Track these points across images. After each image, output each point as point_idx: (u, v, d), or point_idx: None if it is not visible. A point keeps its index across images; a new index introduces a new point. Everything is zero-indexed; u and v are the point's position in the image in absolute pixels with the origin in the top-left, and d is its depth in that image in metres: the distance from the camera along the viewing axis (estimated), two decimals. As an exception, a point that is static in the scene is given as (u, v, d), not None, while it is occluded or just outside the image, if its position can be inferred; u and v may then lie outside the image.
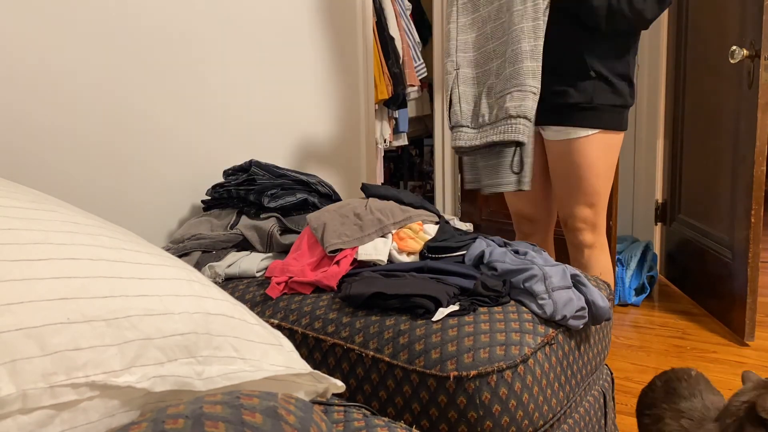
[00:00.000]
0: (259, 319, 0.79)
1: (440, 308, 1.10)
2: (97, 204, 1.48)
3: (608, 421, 1.37)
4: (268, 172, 1.64)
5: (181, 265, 0.75)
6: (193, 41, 1.69)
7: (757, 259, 2.22)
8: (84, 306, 0.58)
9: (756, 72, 2.10)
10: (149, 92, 1.58)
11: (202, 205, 1.73)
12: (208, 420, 0.50)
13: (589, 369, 1.22)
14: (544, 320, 1.10)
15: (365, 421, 0.78)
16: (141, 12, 1.54)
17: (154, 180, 1.62)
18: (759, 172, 2.15)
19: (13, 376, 0.52)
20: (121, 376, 0.59)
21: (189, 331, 0.65)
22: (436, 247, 1.33)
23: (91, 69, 1.44)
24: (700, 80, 2.62)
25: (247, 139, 1.91)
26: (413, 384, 1.03)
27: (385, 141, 3.04)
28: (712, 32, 2.46)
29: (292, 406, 0.56)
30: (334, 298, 1.22)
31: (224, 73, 1.80)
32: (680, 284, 2.86)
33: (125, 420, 0.60)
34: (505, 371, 0.99)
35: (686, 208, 2.82)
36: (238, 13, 1.84)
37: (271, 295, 1.26)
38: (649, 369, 2.06)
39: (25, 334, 0.53)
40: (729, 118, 2.34)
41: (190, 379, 0.64)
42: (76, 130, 1.42)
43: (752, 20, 2.12)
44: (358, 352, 1.10)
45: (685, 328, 2.42)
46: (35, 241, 0.61)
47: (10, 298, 0.54)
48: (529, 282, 1.14)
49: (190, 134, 1.72)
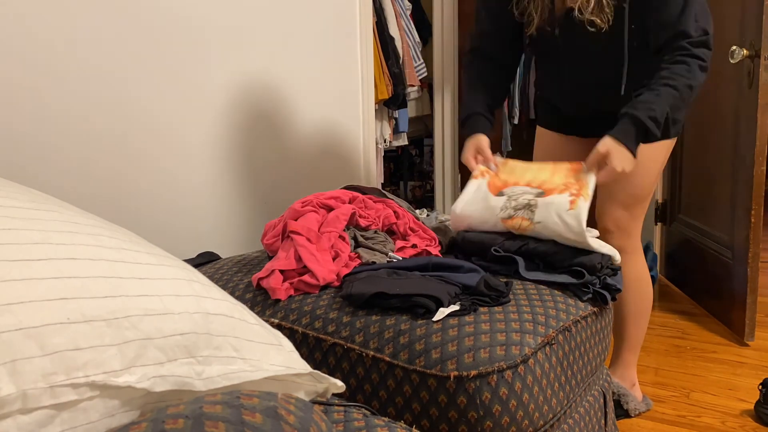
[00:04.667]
0: (259, 319, 0.79)
1: (441, 308, 1.10)
2: (96, 204, 1.48)
3: (608, 421, 1.37)
4: None
5: (181, 265, 0.75)
6: (192, 40, 1.69)
7: (757, 259, 2.22)
8: (84, 306, 0.58)
9: (756, 72, 2.10)
10: (151, 88, 1.58)
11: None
12: (208, 420, 0.50)
13: (590, 369, 1.22)
14: (544, 320, 1.10)
15: (365, 421, 0.78)
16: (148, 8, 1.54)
17: (158, 175, 1.62)
18: (759, 172, 2.15)
19: (13, 376, 0.52)
20: (121, 376, 0.58)
21: (189, 331, 0.65)
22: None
23: (93, 67, 1.44)
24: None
25: (247, 139, 1.91)
26: (413, 384, 1.03)
27: (385, 141, 3.04)
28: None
29: (292, 406, 0.56)
30: (335, 297, 1.22)
31: (223, 73, 1.80)
32: (680, 284, 2.85)
33: (125, 420, 0.60)
34: (506, 371, 0.99)
35: (686, 208, 2.81)
36: (238, 13, 1.84)
37: (280, 297, 1.25)
38: (649, 369, 2.06)
39: (25, 334, 0.53)
40: (729, 118, 2.34)
41: (190, 379, 0.64)
42: (80, 129, 1.42)
43: (752, 20, 2.11)
44: (358, 352, 1.10)
45: (685, 328, 2.42)
46: (35, 241, 0.61)
47: (10, 298, 0.54)
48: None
49: (189, 131, 1.72)
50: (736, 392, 1.90)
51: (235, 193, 1.88)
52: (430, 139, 3.83)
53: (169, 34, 1.62)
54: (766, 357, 2.14)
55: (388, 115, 3.07)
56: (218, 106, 1.80)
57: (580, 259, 1.28)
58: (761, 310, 2.48)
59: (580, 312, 1.20)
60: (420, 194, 4.29)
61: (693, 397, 1.88)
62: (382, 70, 2.84)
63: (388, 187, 4.11)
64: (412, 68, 3.07)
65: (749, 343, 2.24)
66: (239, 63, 1.85)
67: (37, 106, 1.34)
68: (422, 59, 3.21)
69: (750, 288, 2.22)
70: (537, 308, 1.14)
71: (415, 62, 3.12)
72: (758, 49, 2.07)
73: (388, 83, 2.87)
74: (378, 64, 2.80)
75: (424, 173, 4.31)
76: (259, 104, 1.95)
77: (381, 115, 2.99)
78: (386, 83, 2.85)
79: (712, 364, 2.10)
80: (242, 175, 1.90)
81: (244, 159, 1.90)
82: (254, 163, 1.94)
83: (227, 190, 1.86)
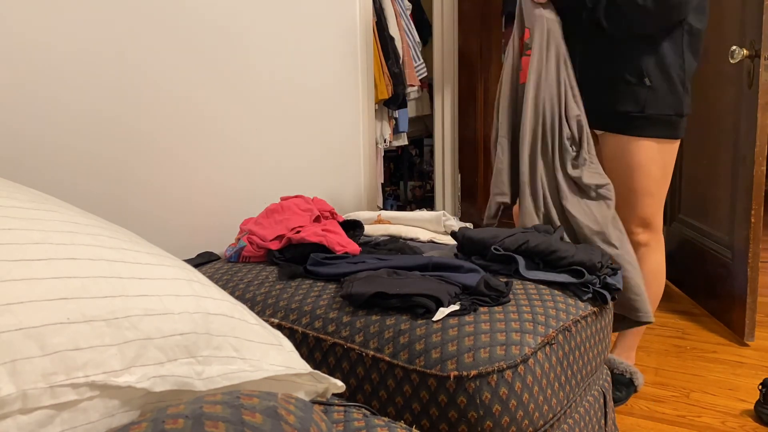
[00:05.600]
0: (259, 319, 0.79)
1: (441, 308, 1.10)
2: (97, 204, 1.48)
3: (608, 421, 1.37)
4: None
5: (181, 265, 0.75)
6: (192, 40, 1.69)
7: (757, 259, 2.22)
8: (84, 306, 0.58)
9: (756, 72, 2.10)
10: (151, 89, 1.58)
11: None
12: (208, 420, 0.50)
13: (590, 369, 1.22)
14: (544, 320, 1.10)
15: (365, 421, 0.78)
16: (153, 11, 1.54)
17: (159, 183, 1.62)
18: (759, 172, 2.15)
19: (13, 376, 0.52)
20: (121, 376, 0.58)
21: (189, 331, 0.65)
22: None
23: (95, 66, 1.44)
24: (700, 80, 2.62)
25: (246, 139, 1.91)
26: (413, 384, 1.03)
27: (385, 141, 3.04)
28: (711, 32, 2.46)
29: (292, 406, 0.56)
30: (335, 297, 1.22)
31: (222, 73, 1.80)
32: (680, 284, 2.85)
33: (125, 420, 0.60)
34: (506, 371, 0.99)
35: (686, 208, 2.82)
36: (238, 13, 1.84)
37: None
38: (649, 369, 2.06)
39: (25, 334, 0.53)
40: (729, 118, 2.34)
41: (190, 379, 0.64)
42: (80, 129, 1.42)
43: (752, 20, 2.11)
44: (358, 352, 1.10)
45: (685, 328, 2.42)
46: (35, 241, 0.61)
47: (10, 298, 0.54)
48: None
49: (189, 131, 1.72)
50: (736, 392, 1.90)
51: (235, 193, 1.88)
52: (430, 139, 3.83)
53: (171, 34, 1.62)
54: (766, 357, 2.14)
55: (388, 115, 3.07)
56: (217, 106, 1.80)
57: (580, 258, 1.28)
58: (761, 310, 2.48)
59: (580, 312, 1.20)
60: (420, 194, 4.29)
61: (693, 397, 1.89)
62: (382, 70, 2.84)
63: (388, 187, 4.11)
64: (412, 68, 3.07)
65: (749, 343, 2.24)
66: (239, 63, 1.85)
67: (40, 105, 1.34)
68: (422, 59, 3.21)
69: (750, 288, 2.22)
70: (537, 308, 1.14)
71: (415, 62, 3.12)
72: (758, 49, 2.07)
73: (388, 83, 2.87)
74: (378, 64, 2.80)
75: (424, 173, 4.32)
76: (258, 104, 1.95)
77: (381, 115, 2.99)
78: (386, 83, 2.85)
79: (712, 364, 2.10)
80: (241, 175, 1.90)
81: (243, 158, 1.90)
82: (254, 162, 1.94)
83: (227, 190, 1.85)
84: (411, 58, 3.09)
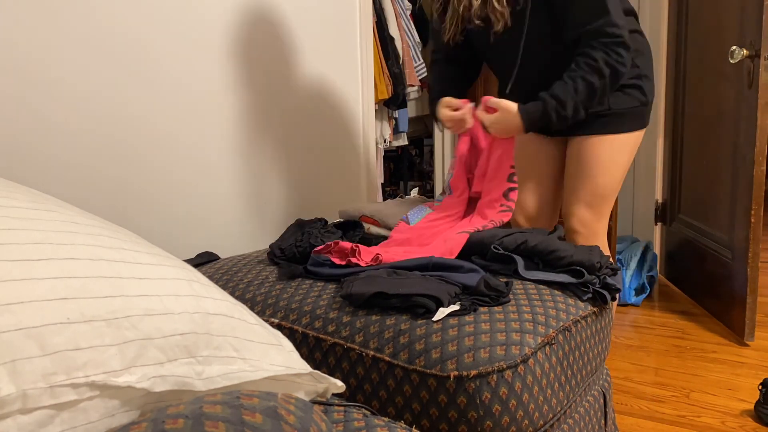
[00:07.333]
0: (259, 319, 0.79)
1: (441, 308, 1.10)
2: (97, 204, 1.48)
3: (608, 421, 1.37)
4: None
5: (181, 265, 0.75)
6: (191, 42, 1.69)
7: (757, 259, 2.22)
8: (84, 306, 0.58)
9: (756, 72, 2.10)
10: (150, 92, 1.58)
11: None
12: (208, 420, 0.50)
13: (590, 369, 1.22)
14: (544, 320, 1.10)
15: (365, 421, 0.78)
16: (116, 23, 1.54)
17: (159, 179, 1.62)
18: (759, 172, 2.15)
19: (13, 376, 0.52)
20: (121, 376, 0.58)
21: (189, 331, 0.65)
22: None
23: (94, 74, 1.44)
24: (700, 80, 2.62)
25: (246, 140, 1.91)
26: (413, 384, 1.03)
27: (385, 141, 3.05)
28: (712, 32, 2.46)
29: (292, 406, 0.56)
30: (335, 297, 1.22)
31: (221, 73, 1.80)
32: (680, 284, 2.86)
33: (125, 420, 0.60)
34: (506, 371, 0.99)
35: (686, 208, 2.82)
36: (238, 13, 1.84)
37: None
38: (649, 369, 2.06)
39: (25, 334, 0.53)
40: (729, 118, 2.34)
41: (190, 379, 0.64)
42: (81, 129, 1.42)
43: (752, 20, 2.12)
44: (358, 352, 1.10)
45: (685, 328, 2.42)
46: (35, 241, 0.61)
47: (10, 298, 0.54)
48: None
49: (188, 133, 1.72)
50: (736, 392, 1.90)
51: (234, 193, 1.89)
52: (430, 139, 3.83)
53: (166, 39, 1.62)
54: (766, 357, 2.14)
55: (388, 115, 3.07)
56: (217, 108, 1.80)
57: (579, 258, 1.28)
58: (761, 310, 2.48)
59: (580, 312, 1.20)
60: (420, 194, 4.29)
61: (693, 397, 1.89)
62: (382, 70, 2.84)
63: (388, 187, 4.11)
64: (412, 68, 3.07)
65: (749, 343, 2.24)
66: (239, 63, 1.85)
67: (39, 114, 1.34)
68: (422, 59, 3.21)
69: (750, 288, 2.22)
70: (537, 308, 1.14)
71: (415, 62, 3.12)
72: (758, 49, 2.07)
73: (388, 83, 2.87)
74: (378, 64, 2.81)
75: (424, 173, 4.31)
76: (258, 104, 1.95)
77: (381, 115, 2.99)
78: (386, 83, 2.85)
79: (712, 364, 2.10)
80: (241, 175, 1.90)
81: (243, 159, 1.90)
82: (253, 162, 1.94)
83: (226, 190, 1.85)
84: (411, 58, 3.09)
